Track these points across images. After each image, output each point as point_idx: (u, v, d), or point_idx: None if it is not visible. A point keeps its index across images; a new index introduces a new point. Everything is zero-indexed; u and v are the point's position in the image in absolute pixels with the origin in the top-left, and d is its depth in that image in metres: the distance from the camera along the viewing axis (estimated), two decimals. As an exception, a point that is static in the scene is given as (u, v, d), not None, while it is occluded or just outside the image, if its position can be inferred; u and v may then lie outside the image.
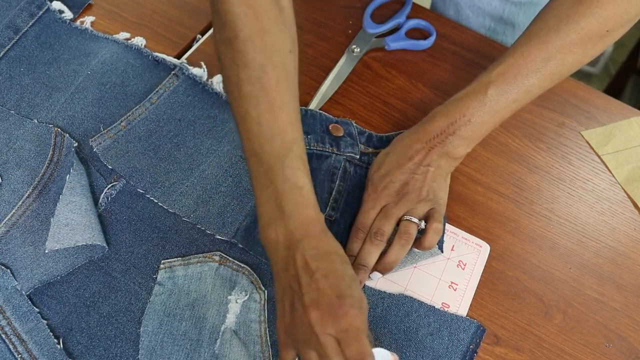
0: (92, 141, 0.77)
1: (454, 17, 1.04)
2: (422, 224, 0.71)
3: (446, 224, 0.78)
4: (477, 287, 0.74)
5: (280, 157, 0.61)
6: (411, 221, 0.71)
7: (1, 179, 0.73)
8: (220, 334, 0.66)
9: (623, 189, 0.84)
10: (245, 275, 0.70)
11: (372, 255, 0.70)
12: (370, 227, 0.72)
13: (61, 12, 0.90)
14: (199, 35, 0.92)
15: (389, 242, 0.71)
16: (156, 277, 0.70)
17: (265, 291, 0.70)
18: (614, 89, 1.87)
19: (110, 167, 0.76)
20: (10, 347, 0.64)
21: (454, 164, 0.76)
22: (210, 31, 0.93)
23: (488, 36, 0.99)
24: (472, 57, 0.95)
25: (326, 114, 0.83)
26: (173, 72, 0.85)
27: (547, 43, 0.72)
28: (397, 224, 0.71)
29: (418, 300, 0.72)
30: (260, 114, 0.61)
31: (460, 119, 0.73)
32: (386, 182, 0.73)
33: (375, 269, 0.70)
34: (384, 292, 0.72)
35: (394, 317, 0.70)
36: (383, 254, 0.71)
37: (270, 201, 0.61)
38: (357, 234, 0.72)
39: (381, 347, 0.68)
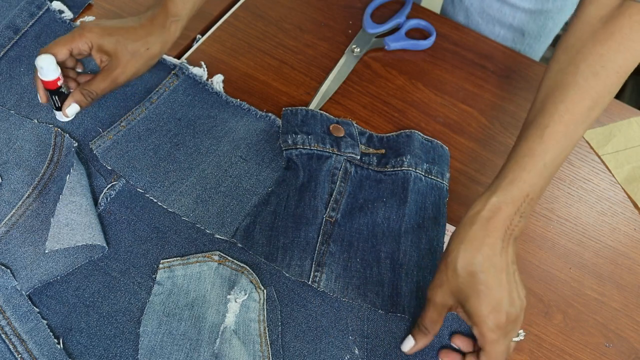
0: (91, 144, 0.77)
1: (464, 23, 1.04)
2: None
3: (446, 224, 0.78)
4: (477, 287, 0.74)
5: None
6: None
7: (1, 179, 0.73)
8: (220, 333, 0.66)
9: (623, 189, 0.84)
10: (245, 274, 0.70)
11: None
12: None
13: (61, 12, 0.90)
14: (199, 35, 0.92)
15: None
16: (155, 277, 0.70)
17: (265, 290, 0.70)
18: (614, 89, 1.86)
19: (109, 167, 0.76)
20: (10, 347, 0.64)
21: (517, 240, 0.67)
22: (210, 31, 0.93)
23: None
24: (472, 57, 0.95)
25: (327, 114, 0.83)
26: (173, 72, 0.85)
27: (589, 90, 0.65)
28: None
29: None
30: None
31: (525, 201, 0.64)
32: (508, 322, 0.63)
33: None
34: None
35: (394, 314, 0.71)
36: None
37: None
38: None
39: (382, 344, 0.68)
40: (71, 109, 0.76)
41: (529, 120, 0.67)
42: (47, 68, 0.73)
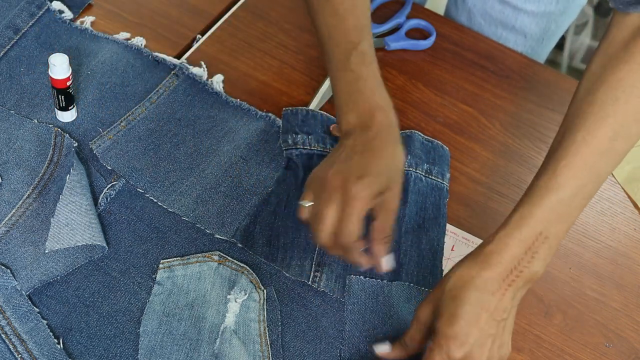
0: (91, 144, 0.77)
1: (466, 24, 1.04)
2: None
3: (446, 224, 0.78)
4: (477, 287, 0.74)
5: (346, 57, 0.69)
6: None
7: (1, 179, 0.73)
8: (220, 333, 0.66)
9: (623, 189, 0.84)
10: (245, 274, 0.70)
11: None
12: None
13: (61, 12, 0.90)
14: (199, 35, 0.92)
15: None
16: (155, 277, 0.70)
17: (265, 290, 0.70)
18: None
19: (109, 167, 0.76)
20: (10, 347, 0.64)
21: (528, 286, 0.63)
22: (210, 31, 0.93)
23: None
24: (472, 57, 0.95)
25: (327, 114, 0.83)
26: (173, 72, 0.85)
27: (607, 119, 0.60)
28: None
29: (417, 287, 0.72)
30: (326, 21, 0.71)
31: (537, 240, 0.60)
32: (466, 353, 0.59)
33: None
34: (384, 282, 0.72)
35: (396, 301, 0.70)
36: None
37: (341, 94, 0.69)
38: None
39: (384, 336, 0.68)
40: (389, 261, 0.66)
41: (550, 152, 0.64)
42: (60, 66, 0.72)
